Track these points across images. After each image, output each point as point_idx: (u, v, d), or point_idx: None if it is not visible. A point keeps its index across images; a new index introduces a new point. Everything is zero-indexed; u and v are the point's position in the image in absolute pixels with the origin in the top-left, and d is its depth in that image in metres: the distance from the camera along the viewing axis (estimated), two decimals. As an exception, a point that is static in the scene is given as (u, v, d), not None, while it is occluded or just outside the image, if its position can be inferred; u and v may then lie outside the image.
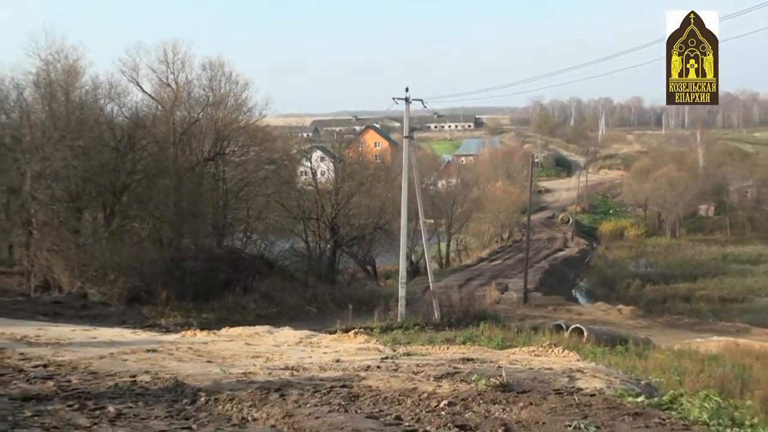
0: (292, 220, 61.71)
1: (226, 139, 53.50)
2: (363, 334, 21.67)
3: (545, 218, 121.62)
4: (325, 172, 71.99)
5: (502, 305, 54.82)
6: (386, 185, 68.49)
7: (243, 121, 56.17)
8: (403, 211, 44.69)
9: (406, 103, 44.17)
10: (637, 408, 9.83)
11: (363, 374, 12.28)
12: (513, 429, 8.44)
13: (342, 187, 63.63)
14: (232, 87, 54.96)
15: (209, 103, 53.62)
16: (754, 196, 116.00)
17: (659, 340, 38.88)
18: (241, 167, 56.15)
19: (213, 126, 52.53)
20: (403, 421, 8.81)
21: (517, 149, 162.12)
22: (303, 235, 63.20)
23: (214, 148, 52.36)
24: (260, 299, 45.12)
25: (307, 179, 69.06)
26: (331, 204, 62.15)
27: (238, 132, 55.09)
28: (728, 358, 31.20)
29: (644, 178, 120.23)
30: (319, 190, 64.65)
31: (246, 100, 56.25)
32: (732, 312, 58.27)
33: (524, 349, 17.65)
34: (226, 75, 54.62)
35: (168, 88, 52.24)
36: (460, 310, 42.32)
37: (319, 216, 62.00)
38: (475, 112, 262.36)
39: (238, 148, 56.42)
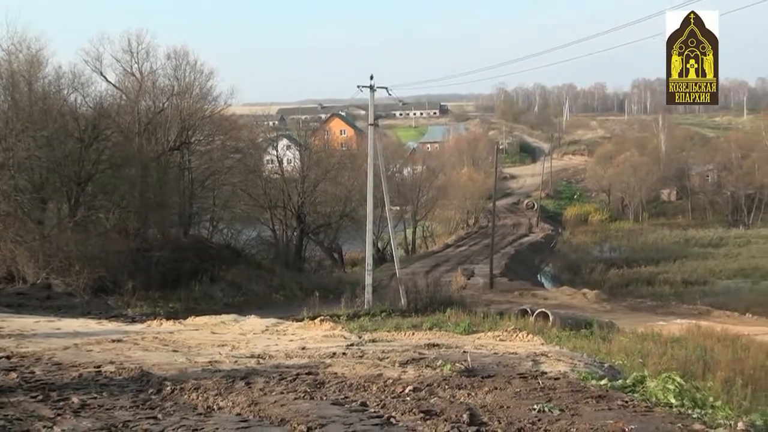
0: (258, 208, 61.53)
1: (191, 129, 53.21)
2: (329, 321, 21.70)
3: (510, 204, 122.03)
4: (291, 161, 71.80)
5: (469, 291, 55.04)
6: (352, 173, 68.46)
7: (208, 110, 55.94)
8: (369, 198, 44.74)
9: (371, 91, 44.20)
10: (600, 391, 9.92)
11: (329, 361, 12.33)
12: (478, 413, 8.49)
13: (308, 175, 63.49)
14: (197, 76, 54.72)
15: (174, 93, 53.29)
16: (714, 181, 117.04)
17: (623, 323, 39.24)
18: (206, 156, 55.90)
19: (178, 115, 52.22)
20: (369, 408, 8.85)
21: (482, 136, 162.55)
22: (269, 224, 63.09)
23: (179, 137, 52.06)
24: (227, 288, 44.99)
25: (274, 167, 68.94)
26: (297, 192, 62.05)
27: (203, 121, 54.82)
28: (690, 340, 31.54)
29: (608, 163, 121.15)
30: (285, 179, 64.52)
31: (211, 89, 56.06)
32: (694, 295, 58.86)
33: (489, 334, 17.76)
34: (191, 64, 54.37)
35: (132, 77, 51.89)
36: (426, 296, 42.46)
37: (286, 204, 61.87)
38: (440, 99, 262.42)
39: (203, 137, 56.14)
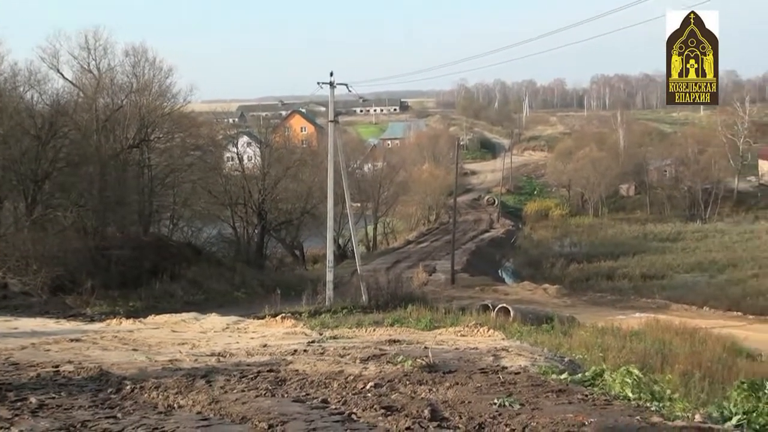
0: (219, 206, 61.30)
1: (150, 126, 52.88)
2: (291, 318, 21.71)
3: (471, 200, 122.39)
4: (252, 158, 71.61)
5: (430, 287, 55.15)
6: (313, 169, 68.39)
7: (168, 107, 55.66)
8: (329, 195, 44.68)
9: (331, 88, 44.13)
10: (560, 385, 9.98)
11: (290, 358, 12.32)
12: (439, 409, 8.51)
13: (269, 172, 63.36)
14: (156, 73, 54.44)
15: (133, 90, 52.96)
16: (672, 175, 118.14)
17: (583, 317, 39.57)
18: (166, 154, 55.57)
19: (137, 112, 51.87)
20: (330, 404, 8.85)
21: (443, 132, 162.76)
22: (230, 221, 62.88)
23: (138, 134, 51.70)
24: (188, 286, 44.80)
25: (234, 165, 68.70)
26: (258, 189, 61.90)
27: (162, 118, 54.51)
28: (649, 333, 31.84)
29: (567, 158, 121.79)
30: (245, 176, 64.33)
31: (170, 86, 55.85)
32: (652, 289, 59.44)
33: (450, 330, 17.84)
34: (149, 61, 54.06)
35: (90, 74, 51.48)
36: (387, 292, 42.40)
37: (247, 201, 61.70)
38: (400, 95, 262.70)
39: (163, 134, 55.82)
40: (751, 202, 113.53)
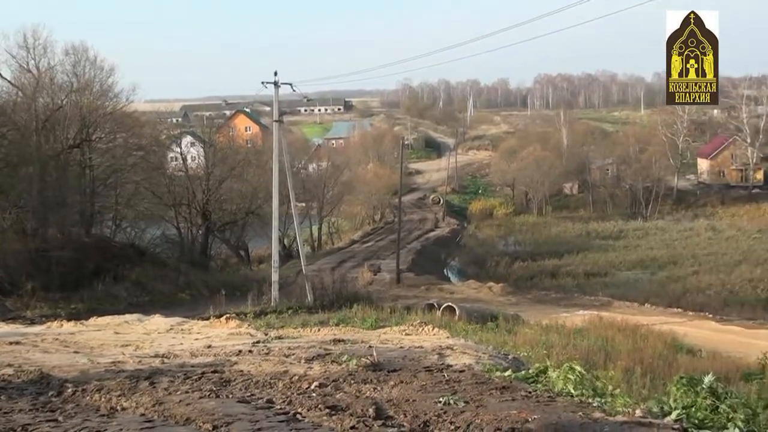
0: (162, 206, 60.73)
1: (92, 126, 52.27)
2: (235, 319, 21.62)
3: (416, 199, 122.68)
4: (196, 158, 71.07)
5: (376, 286, 55.20)
6: (257, 169, 68.02)
7: (109, 107, 55.07)
8: (274, 195, 44.54)
9: (275, 87, 43.97)
10: (504, 382, 10.05)
11: (234, 359, 12.27)
12: (384, 407, 8.53)
13: (213, 172, 62.98)
14: (97, 72, 53.88)
15: (73, 89, 52.33)
16: (614, 174, 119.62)
17: (528, 315, 39.89)
18: (108, 154, 54.96)
19: (78, 112, 51.25)
20: (275, 404, 8.83)
21: (388, 131, 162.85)
22: (174, 222, 62.36)
23: (79, 134, 51.08)
24: (131, 288, 44.40)
25: (178, 165, 68.16)
26: (202, 189, 61.48)
27: (104, 118, 53.91)
28: (593, 331, 32.26)
29: (511, 158, 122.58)
30: (189, 176, 63.84)
31: (112, 85, 55.30)
32: (595, 286, 60.14)
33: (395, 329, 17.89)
34: (90, 60, 53.49)
35: (29, 74, 50.74)
36: (333, 292, 42.48)
37: (191, 202, 61.26)
38: (344, 95, 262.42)
39: (105, 134, 55.22)
40: (690, 200, 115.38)
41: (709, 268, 66.27)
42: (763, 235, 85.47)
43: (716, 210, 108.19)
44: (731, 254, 72.62)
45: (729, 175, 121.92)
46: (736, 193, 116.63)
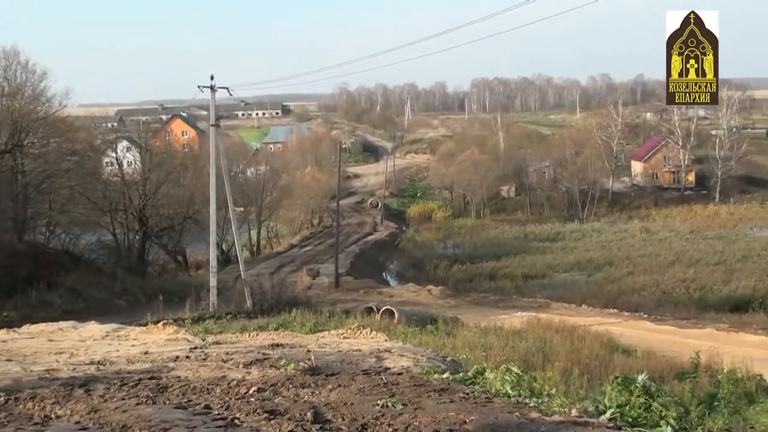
0: (98, 212, 59.86)
1: (24, 131, 51.30)
2: (173, 325, 21.40)
3: (355, 203, 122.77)
4: (132, 163, 70.18)
5: (315, 290, 55.08)
6: (195, 174, 67.49)
7: (42, 111, 54.09)
8: (212, 199, 44.18)
9: (212, 92, 43.61)
10: (442, 384, 10.11)
11: (172, 365, 12.17)
12: (322, 411, 8.53)
13: (149, 177, 62.26)
14: (29, 76, 52.97)
15: (4, 94, 51.43)
16: (551, 177, 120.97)
17: (467, 317, 40.02)
18: (41, 159, 53.99)
19: (9, 117, 50.31)
20: (213, 410, 8.79)
21: (325, 135, 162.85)
22: (110, 228, 61.51)
23: (11, 140, 50.12)
24: (66, 294, 43.61)
25: (113, 170, 67.25)
26: (138, 195, 60.75)
27: (37, 123, 52.94)
28: (531, 332, 32.44)
29: (449, 161, 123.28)
30: (125, 181, 63.03)
31: (45, 89, 54.30)
32: (533, 288, 60.65)
33: (333, 332, 17.88)
34: (22, 64, 52.58)
35: (-42, 78, 49.80)
36: (272, 297, 42.23)
37: (127, 207, 60.50)
38: (282, 99, 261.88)
39: (37, 139, 54.20)
40: (625, 201, 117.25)
41: (644, 269, 67.41)
42: (695, 236, 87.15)
43: (650, 212, 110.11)
44: (665, 255, 73.91)
45: (662, 178, 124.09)
46: (668, 195, 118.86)
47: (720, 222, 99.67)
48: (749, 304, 53.09)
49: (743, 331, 39.75)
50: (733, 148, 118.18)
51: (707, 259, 70.83)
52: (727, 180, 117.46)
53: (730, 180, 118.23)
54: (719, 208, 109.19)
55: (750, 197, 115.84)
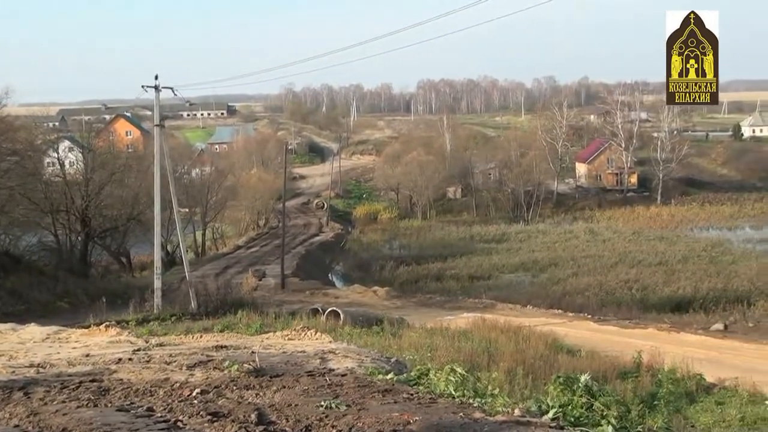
0: (39, 213, 58.97)
1: (-39, 131, 50.54)
2: (116, 327, 21.17)
3: (301, 204, 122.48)
4: (74, 163, 69.30)
5: (260, 292, 54.84)
6: (139, 175, 66.78)
7: (-20, 111, 53.31)
8: (156, 200, 43.82)
9: (156, 91, 43.22)
10: (386, 385, 10.13)
11: (114, 367, 12.03)
12: (266, 413, 8.51)
13: (92, 177, 61.47)
14: (-32, 75, 52.16)
15: (-59, 93, 50.55)
16: (496, 178, 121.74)
17: (413, 318, 40.14)
18: (-21, 159, 53.18)
19: (-53, 116, 49.51)
20: (155, 412, 8.71)
21: (271, 136, 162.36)
22: (52, 229, 60.66)
23: (-52, 139, 49.34)
24: (6, 297, 42.93)
25: (55, 171, 66.32)
26: (81, 195, 59.95)
27: (-25, 123, 52.17)
28: (476, 333, 32.64)
29: (395, 162, 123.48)
30: (67, 182, 62.14)
31: (-17, 89, 53.44)
32: (479, 289, 60.93)
33: (278, 334, 17.83)
34: (-40, 63, 51.75)
35: None
36: (217, 298, 42.00)
37: (69, 208, 59.67)
38: (227, 99, 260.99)
39: (-24, 139, 53.42)
40: (569, 203, 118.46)
41: (588, 270, 68.05)
42: (637, 237, 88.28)
43: (594, 213, 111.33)
44: (608, 256, 74.70)
45: (605, 179, 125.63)
46: (612, 197, 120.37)
47: (662, 223, 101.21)
48: (690, 304, 53.98)
49: (684, 331, 40.36)
50: (674, 150, 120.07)
51: (649, 260, 71.75)
52: (669, 182, 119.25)
53: (671, 182, 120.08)
54: (661, 210, 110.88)
55: (690, 199, 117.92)
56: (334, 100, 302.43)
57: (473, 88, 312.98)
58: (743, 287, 58.41)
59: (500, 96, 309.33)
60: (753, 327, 43.69)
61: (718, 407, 23.88)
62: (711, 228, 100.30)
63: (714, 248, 78.46)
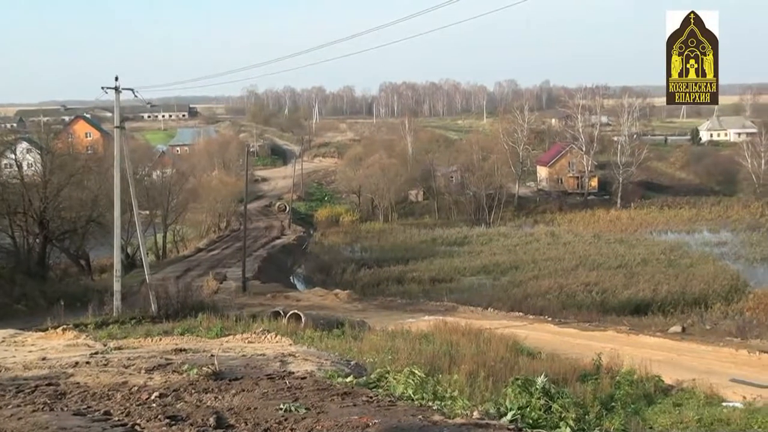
0: (-5, 215, 58.39)
1: None
2: (73, 330, 20.96)
3: (262, 207, 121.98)
4: (33, 165, 68.59)
5: (221, 295, 54.64)
6: (99, 177, 66.23)
7: (-64, 112, 52.66)
8: (116, 202, 43.51)
9: (116, 93, 42.94)
10: (346, 388, 10.12)
11: (71, 371, 11.92)
12: (224, 416, 8.47)
13: (51, 179, 60.88)
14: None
15: None
16: (458, 181, 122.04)
17: (374, 321, 40.17)
18: (-64, 160, 52.53)
19: None
20: (112, 416, 8.64)
21: (233, 138, 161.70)
22: (9, 231, 60.01)
23: None
24: (-38, 300, 42.53)
25: (12, 172, 65.59)
26: (39, 197, 59.37)
27: (-69, 124, 51.54)
28: (438, 335, 32.71)
29: (357, 165, 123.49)
30: (25, 183, 61.49)
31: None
32: (441, 292, 61.01)
33: (238, 337, 17.75)
34: None
35: None
36: (177, 301, 41.79)
37: (27, 210, 59.07)
38: (189, 101, 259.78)
39: (-68, 140, 52.74)
40: (530, 206, 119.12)
41: (549, 273, 68.46)
42: (597, 240, 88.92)
43: (555, 216, 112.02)
44: (569, 259, 75.19)
45: (566, 183, 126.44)
46: (572, 200, 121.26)
47: (621, 226, 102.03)
48: (649, 307, 54.65)
49: (643, 333, 40.77)
50: (634, 154, 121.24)
51: (609, 263, 72.36)
52: (628, 185, 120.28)
53: (630, 185, 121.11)
54: (621, 213, 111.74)
55: (650, 202, 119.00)
56: (296, 103, 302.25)
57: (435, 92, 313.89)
58: (701, 290, 59.20)
59: (462, 99, 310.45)
60: (710, 329, 44.33)
61: (676, 409, 24.13)
62: (670, 231, 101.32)
63: (672, 251, 79.32)
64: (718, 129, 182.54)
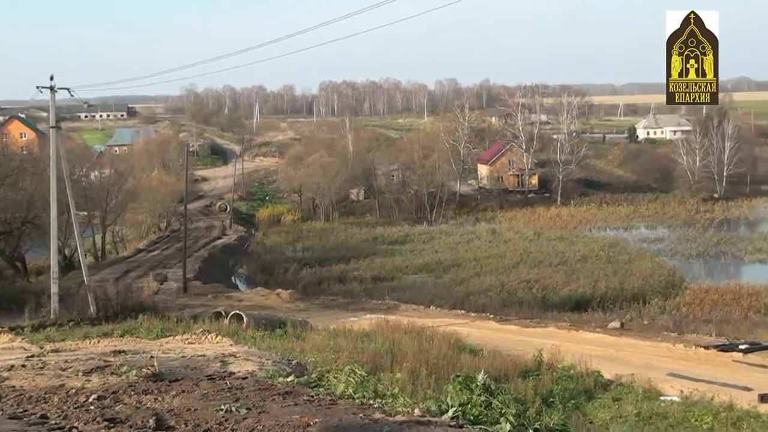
0: (-75, 217, 57.30)
1: None
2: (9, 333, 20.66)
3: (203, 207, 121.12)
4: (-34, 165, 67.41)
5: (162, 296, 54.18)
6: (34, 177, 65.25)
7: None
8: (52, 203, 42.89)
9: (52, 92, 42.27)
10: (287, 387, 10.09)
11: (6, 374, 11.74)
12: (165, 418, 8.39)
13: (-16, 181, 59.92)
14: None
15: None
16: (399, 180, 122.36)
17: (316, 321, 40.11)
18: None
19: None
20: (49, 420, 8.51)
21: (172, 138, 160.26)
22: (-60, 234, 58.95)
23: None
24: None
25: (-55, 173, 64.42)
26: (-29, 199, 58.39)
27: None
28: (380, 334, 32.72)
29: (298, 164, 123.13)
30: (-43, 185, 60.49)
31: None
32: (383, 290, 61.22)
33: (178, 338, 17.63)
34: None
35: None
36: (117, 303, 41.30)
37: (-40, 211, 58.09)
38: (127, 101, 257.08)
39: None
40: (472, 204, 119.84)
41: (490, 270, 68.98)
42: (538, 237, 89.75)
43: (496, 214, 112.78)
44: (510, 256, 75.81)
45: (507, 181, 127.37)
46: (513, 198, 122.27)
47: (561, 224, 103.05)
48: (588, 303, 55.37)
49: (583, 329, 41.23)
50: (573, 152, 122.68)
51: (550, 260, 73.08)
52: (568, 183, 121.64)
53: (570, 183, 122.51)
54: (561, 210, 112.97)
55: (589, 199, 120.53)
56: (236, 102, 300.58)
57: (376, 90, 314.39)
58: (639, 286, 60.10)
59: (403, 98, 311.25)
60: (648, 324, 45.01)
61: (615, 403, 24.47)
62: (608, 228, 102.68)
63: (611, 248, 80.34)
64: (655, 127, 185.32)
